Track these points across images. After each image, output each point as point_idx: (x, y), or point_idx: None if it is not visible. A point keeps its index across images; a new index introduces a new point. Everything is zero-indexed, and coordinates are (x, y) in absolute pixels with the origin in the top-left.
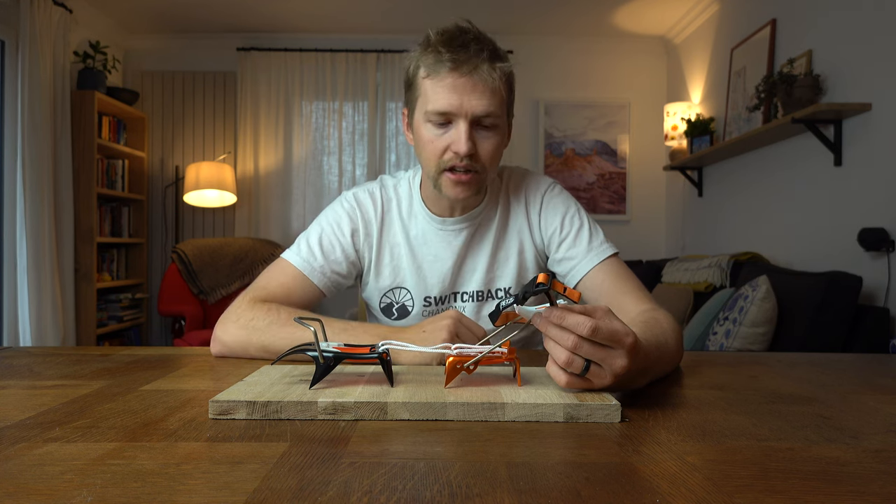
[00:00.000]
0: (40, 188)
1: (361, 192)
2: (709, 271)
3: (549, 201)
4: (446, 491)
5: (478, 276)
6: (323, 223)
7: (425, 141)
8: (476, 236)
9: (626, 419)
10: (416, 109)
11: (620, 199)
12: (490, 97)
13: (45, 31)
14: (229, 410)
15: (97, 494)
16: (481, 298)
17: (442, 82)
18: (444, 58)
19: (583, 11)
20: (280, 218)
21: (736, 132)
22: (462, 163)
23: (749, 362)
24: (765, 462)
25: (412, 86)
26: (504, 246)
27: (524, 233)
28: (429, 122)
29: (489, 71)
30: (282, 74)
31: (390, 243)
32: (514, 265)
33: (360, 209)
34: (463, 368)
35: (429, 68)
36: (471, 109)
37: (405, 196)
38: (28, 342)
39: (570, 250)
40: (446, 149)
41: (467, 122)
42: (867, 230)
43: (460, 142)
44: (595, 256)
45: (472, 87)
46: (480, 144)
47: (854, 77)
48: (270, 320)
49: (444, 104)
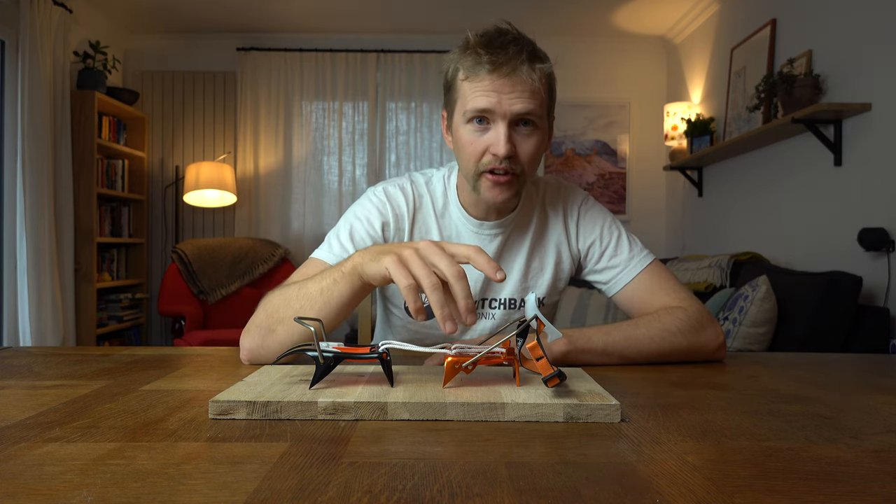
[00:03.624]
0: (40, 188)
1: (391, 187)
2: (709, 271)
3: (586, 213)
4: (446, 491)
5: (511, 283)
6: (352, 219)
7: (464, 143)
8: (509, 243)
9: (626, 419)
10: (456, 112)
11: (620, 199)
12: (529, 97)
13: (45, 31)
14: (229, 410)
15: (97, 494)
16: (513, 306)
17: (481, 83)
18: (482, 59)
19: (583, 11)
20: (280, 218)
21: (736, 132)
22: (501, 165)
23: (749, 362)
24: (765, 462)
25: (451, 88)
26: (540, 255)
27: (563, 244)
28: (468, 124)
29: (528, 72)
30: (282, 74)
31: (423, 239)
32: (550, 275)
33: (391, 203)
34: (462, 368)
35: (468, 70)
36: (510, 110)
37: (439, 194)
38: (28, 342)
39: (612, 259)
40: (485, 151)
41: (506, 123)
42: (867, 230)
43: (499, 143)
44: (638, 264)
45: (510, 87)
46: (520, 145)
47: (854, 77)
48: (291, 289)
49: (483, 104)
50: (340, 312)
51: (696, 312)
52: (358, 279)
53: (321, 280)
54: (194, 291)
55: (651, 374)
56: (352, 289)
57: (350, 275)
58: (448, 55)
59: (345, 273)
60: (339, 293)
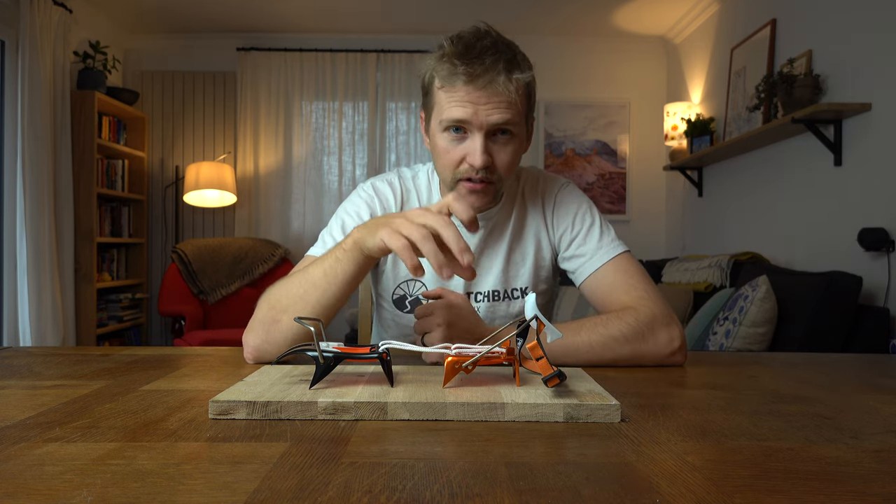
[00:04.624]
0: (40, 188)
1: (379, 182)
2: (709, 271)
3: (562, 199)
4: (446, 491)
5: (493, 276)
6: (342, 215)
7: (441, 150)
8: (491, 237)
9: (626, 419)
10: (433, 118)
11: (620, 199)
12: (506, 109)
13: (45, 31)
14: (229, 410)
15: (97, 494)
16: (497, 298)
17: (456, 94)
18: (458, 70)
19: (583, 11)
20: (280, 218)
21: (736, 132)
22: (478, 175)
23: (749, 362)
24: (765, 462)
25: (428, 94)
26: (520, 246)
27: (541, 233)
28: (445, 132)
29: (505, 83)
30: (282, 74)
31: None
32: (531, 265)
33: (379, 197)
34: (461, 368)
35: (443, 80)
36: (486, 121)
37: (424, 188)
38: (28, 342)
39: (580, 248)
40: (462, 160)
41: (482, 134)
42: (867, 230)
43: (475, 154)
44: (604, 255)
45: (486, 98)
46: (497, 154)
47: (854, 77)
48: (291, 279)
49: (459, 115)
50: (346, 290)
51: (648, 315)
52: (360, 253)
53: (322, 263)
54: (194, 291)
55: (651, 373)
56: (355, 264)
57: (352, 250)
58: (426, 59)
59: (346, 250)
60: (343, 270)
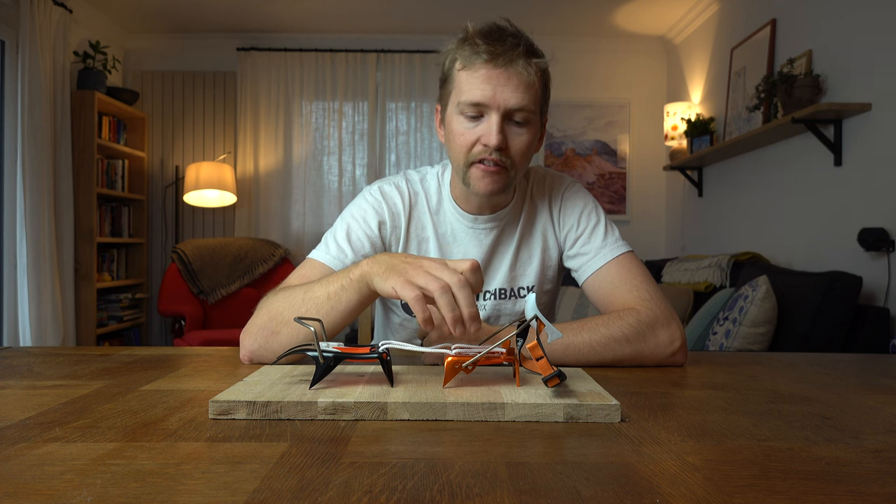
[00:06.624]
0: (40, 188)
1: (387, 185)
2: (709, 271)
3: (569, 198)
4: (446, 491)
5: (501, 274)
6: (348, 219)
7: (456, 133)
8: (502, 236)
9: (626, 419)
10: (450, 103)
11: (620, 199)
12: (524, 91)
13: (45, 31)
14: (229, 410)
15: (97, 494)
16: (503, 296)
17: (477, 73)
18: (480, 49)
19: (583, 11)
20: (280, 218)
21: (736, 132)
22: (492, 156)
23: (749, 362)
24: (765, 462)
25: (447, 79)
26: (528, 245)
27: (548, 231)
28: (461, 115)
29: (525, 65)
30: (282, 74)
31: (418, 237)
32: (538, 263)
33: (387, 202)
34: (461, 368)
35: (465, 60)
36: (504, 102)
37: (433, 191)
38: (28, 342)
39: (584, 246)
40: (476, 141)
41: (499, 115)
42: (867, 230)
43: (491, 134)
44: (607, 254)
45: (506, 79)
46: (511, 140)
47: (854, 77)
48: (295, 291)
49: (478, 95)
50: (346, 318)
51: (649, 316)
52: (366, 288)
53: (328, 285)
54: (194, 291)
55: (651, 373)
56: (360, 296)
57: (359, 282)
58: (446, 46)
59: (353, 280)
60: (347, 299)
